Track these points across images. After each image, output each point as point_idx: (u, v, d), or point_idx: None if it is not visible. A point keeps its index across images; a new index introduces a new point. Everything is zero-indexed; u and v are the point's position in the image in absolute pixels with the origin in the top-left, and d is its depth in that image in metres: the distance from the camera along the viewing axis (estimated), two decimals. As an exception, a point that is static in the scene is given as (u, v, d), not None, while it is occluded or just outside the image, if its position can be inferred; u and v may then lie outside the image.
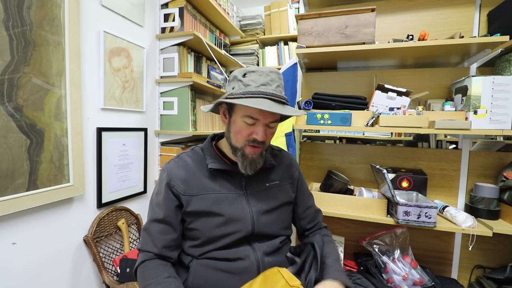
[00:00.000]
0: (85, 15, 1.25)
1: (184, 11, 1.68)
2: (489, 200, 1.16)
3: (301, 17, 1.28)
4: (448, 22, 1.38)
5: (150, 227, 0.74)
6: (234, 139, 0.74)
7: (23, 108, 1.00)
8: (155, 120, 1.75)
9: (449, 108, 1.19)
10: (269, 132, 0.74)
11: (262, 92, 0.67)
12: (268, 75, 0.69)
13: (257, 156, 0.73)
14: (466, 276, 1.35)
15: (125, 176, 1.51)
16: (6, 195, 0.95)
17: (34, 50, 1.02)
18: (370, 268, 1.25)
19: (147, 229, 0.75)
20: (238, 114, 0.71)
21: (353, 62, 1.48)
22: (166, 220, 0.73)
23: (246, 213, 0.74)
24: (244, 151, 0.72)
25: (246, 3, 2.84)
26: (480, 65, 1.35)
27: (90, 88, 1.29)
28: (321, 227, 0.91)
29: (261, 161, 0.74)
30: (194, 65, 1.86)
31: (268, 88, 0.68)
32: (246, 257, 0.72)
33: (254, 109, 0.67)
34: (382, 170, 1.10)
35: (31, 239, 1.07)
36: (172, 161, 0.79)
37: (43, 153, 1.07)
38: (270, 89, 0.68)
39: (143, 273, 0.69)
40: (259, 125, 0.70)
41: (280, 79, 0.72)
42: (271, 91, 0.68)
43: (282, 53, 2.55)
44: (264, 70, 0.70)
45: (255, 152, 0.72)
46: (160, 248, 0.72)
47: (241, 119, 0.71)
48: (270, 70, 0.71)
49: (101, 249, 1.34)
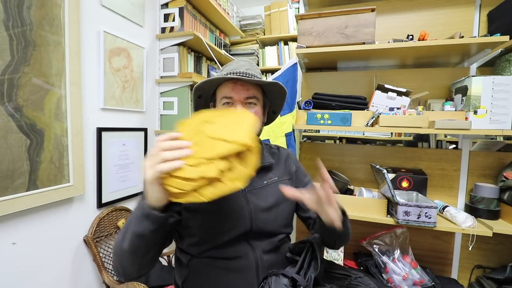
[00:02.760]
0: (85, 15, 1.25)
1: (184, 11, 1.68)
2: (489, 200, 1.16)
3: (301, 17, 1.28)
4: (448, 22, 1.38)
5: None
6: None
7: (23, 108, 1.00)
8: (155, 120, 1.75)
9: (449, 108, 1.19)
10: (251, 111, 0.73)
11: (231, 72, 0.71)
12: (238, 63, 0.75)
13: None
14: (466, 276, 1.35)
15: (125, 176, 1.50)
16: (6, 195, 0.95)
17: (34, 50, 1.02)
18: (370, 268, 1.25)
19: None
20: (219, 103, 0.74)
21: (353, 62, 1.48)
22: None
23: (243, 210, 0.74)
24: None
25: (246, 3, 2.84)
26: (480, 65, 1.35)
27: (90, 88, 1.29)
28: None
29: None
30: (194, 65, 1.86)
31: (239, 69, 0.71)
32: (245, 256, 0.71)
33: (227, 88, 0.71)
34: (382, 170, 1.10)
35: (31, 239, 1.07)
36: None
37: (43, 153, 1.07)
38: (239, 71, 0.71)
39: (120, 234, 0.62)
40: (237, 102, 0.71)
41: (251, 65, 0.76)
42: (241, 71, 0.70)
43: (282, 53, 2.55)
44: (242, 59, 0.76)
45: None
46: None
47: (220, 105, 0.73)
48: (243, 59, 0.76)
49: (101, 249, 1.34)
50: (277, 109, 0.86)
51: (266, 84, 0.75)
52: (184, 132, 0.52)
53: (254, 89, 0.73)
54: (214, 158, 0.49)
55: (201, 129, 0.53)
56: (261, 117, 0.77)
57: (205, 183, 0.49)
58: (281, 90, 0.77)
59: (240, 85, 0.71)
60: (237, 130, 0.53)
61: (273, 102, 0.82)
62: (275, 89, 0.77)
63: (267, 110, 0.83)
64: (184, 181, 0.48)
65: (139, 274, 0.63)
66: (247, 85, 0.72)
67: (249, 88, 0.72)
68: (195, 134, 0.53)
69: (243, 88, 0.71)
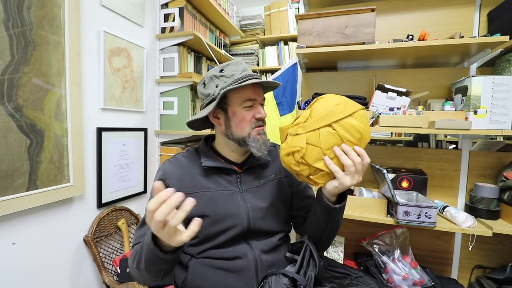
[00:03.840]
0: (85, 15, 1.25)
1: (184, 11, 1.68)
2: (489, 200, 1.15)
3: (301, 17, 1.28)
4: (448, 22, 1.38)
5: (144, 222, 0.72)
6: (239, 130, 0.75)
7: (23, 108, 1.00)
8: (155, 120, 1.75)
9: (449, 108, 1.19)
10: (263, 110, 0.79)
11: (247, 75, 0.74)
12: (241, 64, 0.78)
13: (264, 135, 0.78)
14: (466, 276, 1.35)
15: (125, 176, 1.50)
16: (6, 195, 0.95)
17: (34, 50, 1.02)
18: (370, 268, 1.25)
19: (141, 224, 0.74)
20: (236, 104, 0.75)
21: (353, 62, 1.48)
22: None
23: (241, 209, 0.74)
24: (252, 135, 0.75)
25: (246, 3, 2.84)
26: (480, 65, 1.35)
27: (90, 88, 1.29)
28: None
29: (266, 137, 0.79)
30: (194, 65, 1.86)
31: (248, 71, 0.76)
32: (244, 256, 0.72)
33: (249, 91, 0.74)
34: (382, 170, 1.10)
35: (31, 239, 1.07)
36: (167, 162, 0.80)
37: (43, 153, 1.07)
38: (250, 72, 0.76)
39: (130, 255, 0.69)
40: (257, 104, 0.76)
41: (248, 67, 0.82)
42: (251, 73, 0.76)
43: (282, 53, 2.55)
44: (235, 60, 0.79)
45: (262, 130, 0.77)
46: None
47: (240, 107, 0.74)
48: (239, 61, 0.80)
49: (101, 249, 1.34)
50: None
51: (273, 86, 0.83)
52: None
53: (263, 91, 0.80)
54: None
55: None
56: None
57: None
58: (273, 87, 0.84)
59: (258, 87, 0.76)
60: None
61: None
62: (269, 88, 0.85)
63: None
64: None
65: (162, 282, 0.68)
66: (261, 88, 0.78)
67: (262, 91, 0.79)
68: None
69: (261, 91, 0.78)
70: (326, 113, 0.61)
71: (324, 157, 0.61)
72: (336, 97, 0.65)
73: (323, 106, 0.63)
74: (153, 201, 0.48)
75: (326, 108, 0.62)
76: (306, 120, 0.63)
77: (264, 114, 0.76)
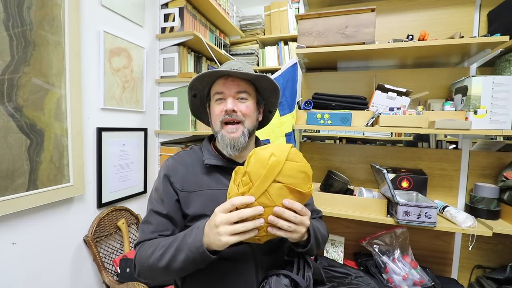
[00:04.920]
0: (85, 15, 1.25)
1: (184, 11, 1.68)
2: (489, 200, 1.16)
3: (301, 17, 1.28)
4: (448, 22, 1.38)
5: (149, 219, 0.73)
6: (214, 125, 0.77)
7: (23, 108, 1.00)
8: (155, 120, 1.76)
9: (449, 108, 1.19)
10: (243, 105, 0.74)
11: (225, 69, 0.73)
12: (231, 62, 0.78)
13: (236, 134, 0.73)
14: (466, 276, 1.35)
15: (125, 176, 1.50)
16: (6, 195, 0.95)
17: (34, 50, 1.02)
18: (370, 268, 1.25)
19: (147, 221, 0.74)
20: (212, 99, 0.77)
21: (353, 62, 1.48)
22: (167, 214, 0.73)
23: None
24: (222, 132, 0.74)
25: (246, 3, 2.84)
26: (480, 65, 1.35)
27: (90, 88, 1.29)
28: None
29: (242, 139, 0.74)
30: (194, 65, 1.86)
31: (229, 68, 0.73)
32: (245, 257, 0.72)
33: (217, 85, 0.74)
34: (382, 170, 1.10)
35: (31, 239, 1.07)
36: (171, 158, 0.81)
37: (43, 153, 1.07)
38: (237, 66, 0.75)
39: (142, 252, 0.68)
40: (227, 97, 0.74)
41: (244, 65, 0.79)
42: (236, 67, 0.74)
43: (282, 53, 2.55)
44: (230, 61, 0.79)
45: (231, 128, 0.73)
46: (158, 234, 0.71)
47: (214, 102, 0.76)
48: (236, 60, 0.80)
49: (101, 249, 1.34)
50: (272, 108, 0.86)
51: (257, 79, 0.75)
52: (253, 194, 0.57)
53: (245, 84, 0.75)
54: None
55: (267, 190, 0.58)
56: (254, 112, 0.78)
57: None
58: (272, 86, 0.77)
59: (231, 80, 0.74)
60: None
61: (268, 100, 0.83)
62: (267, 85, 0.78)
63: (262, 109, 0.84)
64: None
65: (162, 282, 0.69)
66: (238, 81, 0.74)
67: (239, 83, 0.74)
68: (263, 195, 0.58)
69: (233, 83, 0.74)
70: (266, 171, 0.57)
71: (268, 227, 0.59)
72: (264, 148, 0.61)
73: (259, 164, 0.58)
74: (240, 200, 0.56)
75: (263, 165, 0.58)
76: (250, 188, 0.59)
77: (230, 105, 0.72)
